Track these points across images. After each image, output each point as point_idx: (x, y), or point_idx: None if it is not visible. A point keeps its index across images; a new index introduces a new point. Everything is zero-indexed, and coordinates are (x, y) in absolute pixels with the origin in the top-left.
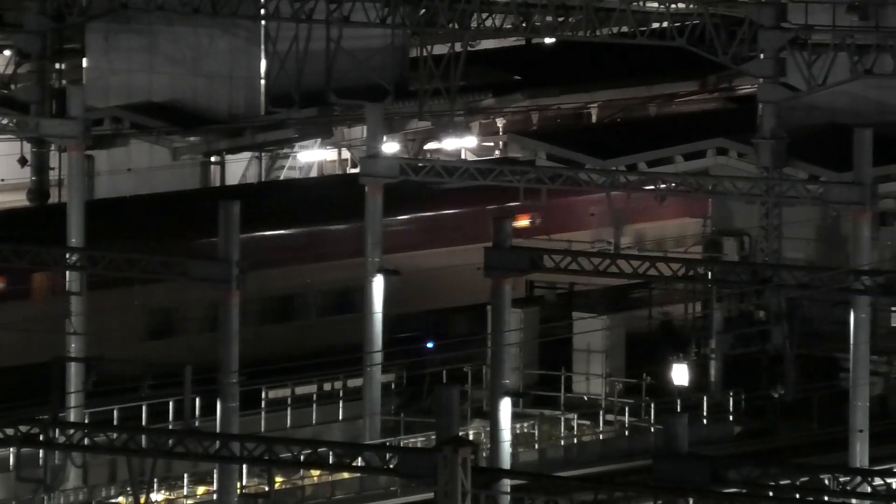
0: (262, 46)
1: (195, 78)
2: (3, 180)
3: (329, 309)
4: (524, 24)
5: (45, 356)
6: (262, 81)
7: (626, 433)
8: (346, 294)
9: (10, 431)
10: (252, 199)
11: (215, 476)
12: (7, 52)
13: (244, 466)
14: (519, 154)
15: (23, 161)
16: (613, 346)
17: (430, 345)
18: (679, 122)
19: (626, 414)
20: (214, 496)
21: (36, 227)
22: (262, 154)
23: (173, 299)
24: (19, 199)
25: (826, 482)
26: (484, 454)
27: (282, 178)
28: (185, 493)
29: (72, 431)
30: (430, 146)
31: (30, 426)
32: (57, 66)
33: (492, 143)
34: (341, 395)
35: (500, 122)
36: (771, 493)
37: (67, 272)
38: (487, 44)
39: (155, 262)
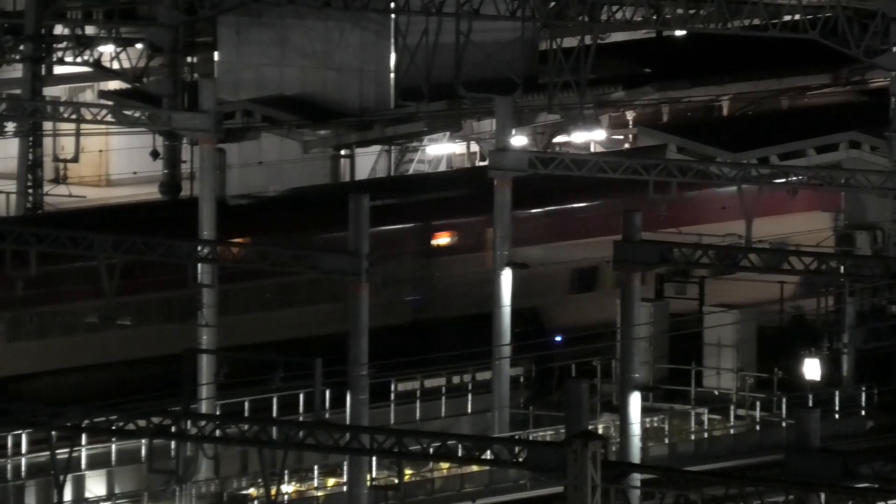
0: (393, 40)
1: (326, 71)
2: (135, 173)
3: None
4: (655, 17)
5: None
6: (392, 75)
7: (758, 428)
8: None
9: (142, 423)
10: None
11: (345, 468)
12: (139, 46)
13: (374, 459)
14: (648, 147)
15: (155, 154)
16: (745, 340)
17: (558, 338)
18: (811, 115)
19: (758, 409)
20: (345, 488)
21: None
22: (392, 147)
23: None
24: (152, 193)
25: None
26: (613, 448)
27: (410, 171)
28: (315, 484)
29: (203, 423)
30: (559, 139)
31: (162, 418)
32: (188, 59)
33: (621, 137)
34: (470, 388)
35: (629, 115)
36: None
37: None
38: (617, 36)
39: (286, 254)
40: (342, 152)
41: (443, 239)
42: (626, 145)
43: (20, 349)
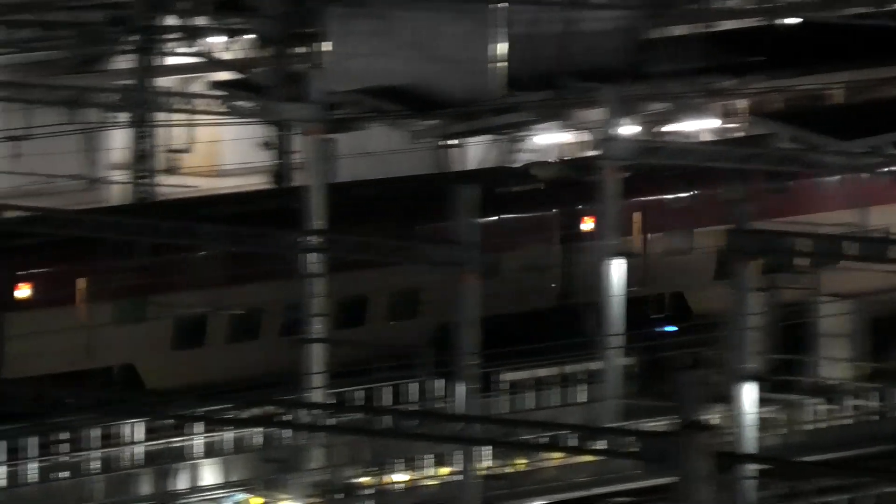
0: (499, 29)
1: (432, 61)
2: (245, 164)
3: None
4: (765, 5)
5: None
6: (499, 65)
7: (872, 418)
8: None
9: (255, 412)
10: None
11: (457, 458)
12: (246, 37)
13: (485, 449)
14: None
15: (266, 145)
16: (857, 329)
17: (669, 328)
18: None
19: (872, 399)
20: (456, 477)
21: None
22: (500, 137)
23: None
24: (261, 183)
25: None
26: (726, 439)
27: (518, 161)
28: (426, 473)
29: (316, 412)
30: (668, 128)
31: (275, 407)
32: (296, 50)
33: (731, 126)
34: (580, 378)
35: (740, 104)
36: None
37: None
38: (727, 24)
39: (392, 245)
40: (449, 142)
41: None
42: (737, 135)
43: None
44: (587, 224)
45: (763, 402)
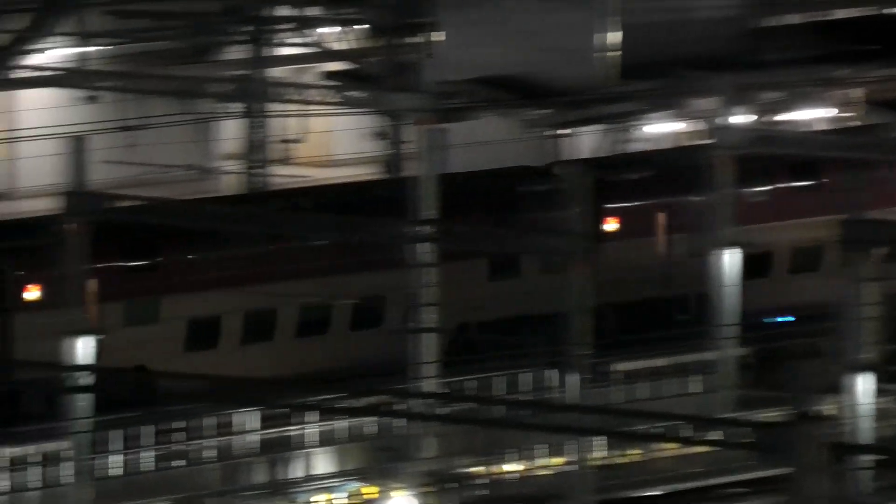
0: (611, 18)
1: (544, 50)
2: (357, 154)
3: None
4: None
5: None
6: (611, 53)
7: None
8: None
9: (369, 401)
10: None
11: (570, 448)
12: (358, 27)
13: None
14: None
15: (379, 135)
16: None
17: (783, 318)
18: None
19: None
20: (569, 468)
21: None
22: (611, 127)
23: None
24: (373, 173)
25: None
26: (840, 430)
27: (631, 150)
28: (539, 464)
29: (429, 402)
30: (781, 117)
31: (388, 396)
32: (407, 39)
33: (846, 115)
34: (694, 368)
35: (854, 93)
36: None
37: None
38: (841, 12)
39: (501, 234)
40: (560, 132)
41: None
42: (852, 124)
43: None
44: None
45: (877, 392)
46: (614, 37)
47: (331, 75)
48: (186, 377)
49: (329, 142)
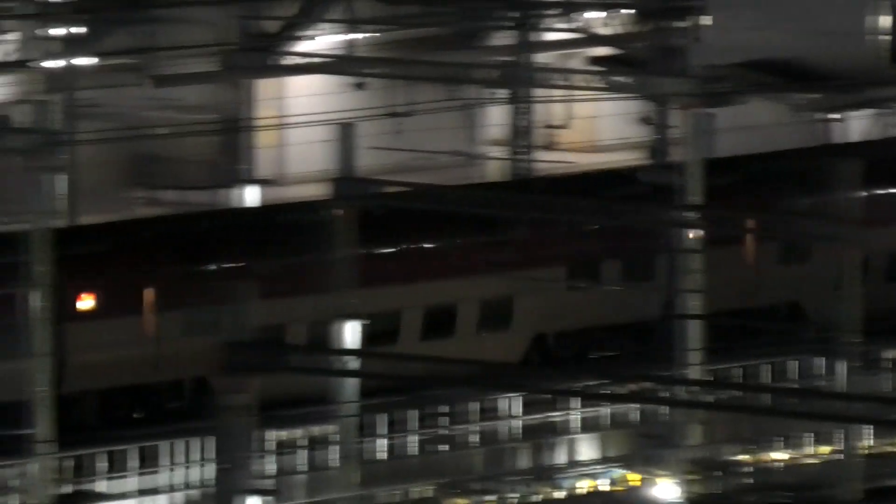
0: (883, 1)
1: (814, 33)
2: (623, 139)
3: None
4: None
5: None
6: (882, 37)
7: None
8: None
9: (633, 388)
10: None
11: (837, 436)
12: (624, 11)
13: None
14: None
15: (643, 120)
16: None
17: None
18: None
19: None
20: (836, 456)
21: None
22: (882, 111)
23: None
24: (638, 159)
25: None
26: None
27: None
28: (806, 452)
29: (693, 389)
30: None
31: (652, 383)
32: (674, 23)
33: None
34: None
35: None
36: None
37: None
38: None
39: (767, 220)
40: (830, 116)
41: None
42: None
43: None
44: None
45: None
46: (885, 20)
47: (596, 60)
48: (444, 362)
49: (594, 127)
